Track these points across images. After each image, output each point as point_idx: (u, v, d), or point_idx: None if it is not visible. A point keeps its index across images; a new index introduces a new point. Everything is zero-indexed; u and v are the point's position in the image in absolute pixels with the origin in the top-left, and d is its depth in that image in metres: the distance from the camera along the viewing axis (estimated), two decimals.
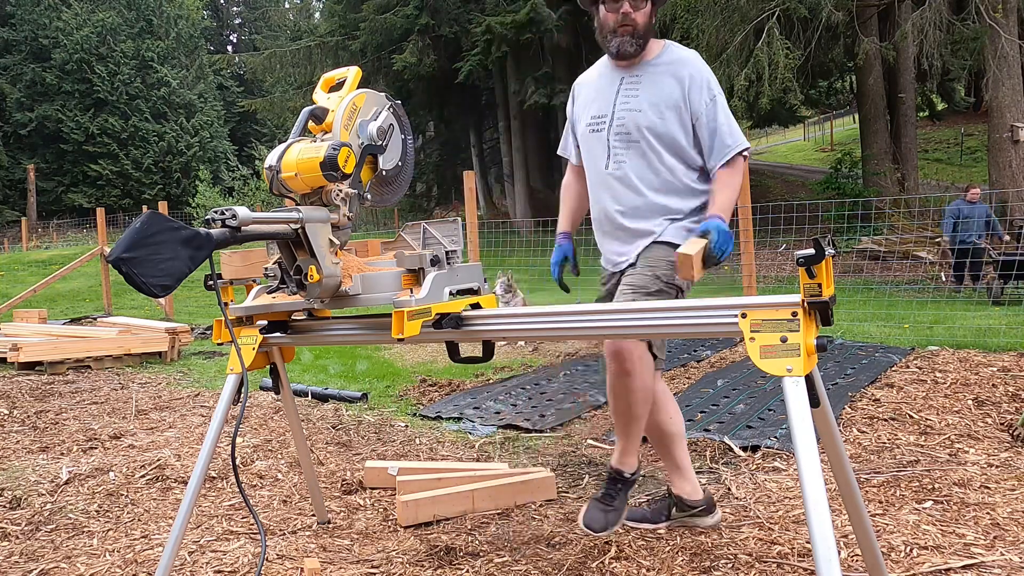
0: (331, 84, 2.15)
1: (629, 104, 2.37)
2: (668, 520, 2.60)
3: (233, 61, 35.01)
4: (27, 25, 36.50)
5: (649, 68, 2.37)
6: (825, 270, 1.51)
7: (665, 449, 2.59)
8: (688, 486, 2.57)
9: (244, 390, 2.06)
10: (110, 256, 1.56)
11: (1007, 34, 12.69)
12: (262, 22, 50.95)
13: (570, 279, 2.71)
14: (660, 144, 2.34)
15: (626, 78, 2.40)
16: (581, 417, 4.21)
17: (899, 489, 2.81)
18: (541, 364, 5.87)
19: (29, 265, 19.37)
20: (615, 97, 2.40)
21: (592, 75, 2.55)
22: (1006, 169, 13.26)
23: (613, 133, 2.39)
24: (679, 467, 2.58)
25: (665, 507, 2.62)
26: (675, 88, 2.32)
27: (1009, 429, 3.45)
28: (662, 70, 2.35)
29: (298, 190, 1.96)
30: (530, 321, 1.91)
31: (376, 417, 4.38)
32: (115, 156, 36.71)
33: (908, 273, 11.32)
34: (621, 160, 2.38)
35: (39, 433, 4.25)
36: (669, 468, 2.62)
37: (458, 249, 2.10)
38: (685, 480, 2.58)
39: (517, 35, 19.44)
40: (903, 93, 17.09)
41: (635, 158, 2.37)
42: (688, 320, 1.70)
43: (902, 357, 4.99)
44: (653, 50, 2.40)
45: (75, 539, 2.73)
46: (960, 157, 24.55)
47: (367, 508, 2.95)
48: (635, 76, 2.38)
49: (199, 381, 5.82)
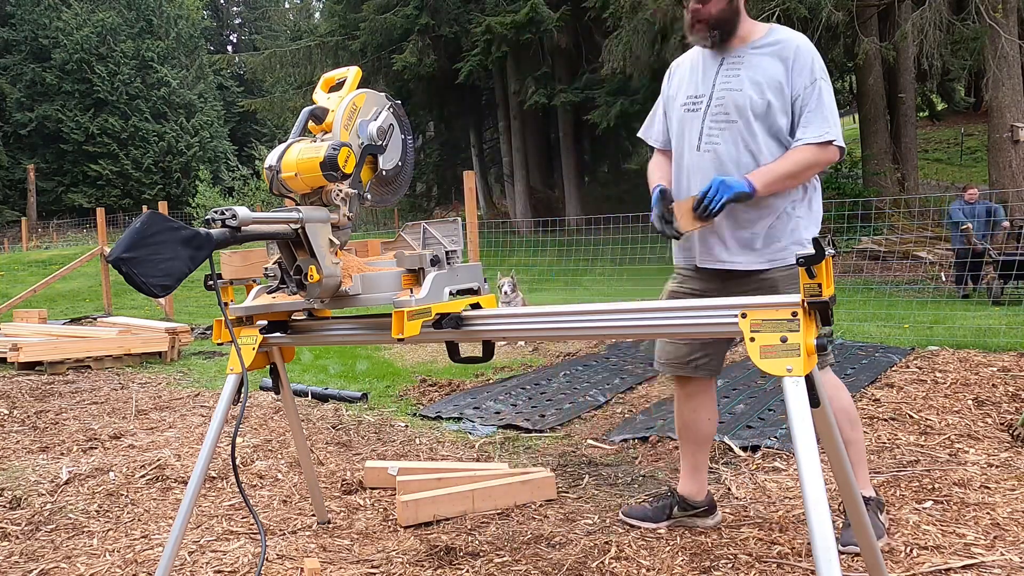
0: (331, 84, 2.15)
1: (730, 84, 2.30)
2: (669, 519, 2.60)
3: (233, 61, 35.03)
4: (27, 25, 36.50)
5: (751, 50, 2.31)
6: (825, 270, 1.51)
7: (694, 448, 2.58)
8: (696, 487, 2.58)
9: (244, 390, 2.06)
10: (110, 256, 1.56)
11: (1007, 34, 12.69)
12: (262, 22, 50.96)
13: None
14: (758, 125, 2.26)
15: (727, 59, 2.33)
16: (581, 417, 4.21)
17: (899, 489, 2.81)
18: (541, 364, 5.87)
19: (29, 265, 19.38)
20: (715, 77, 2.34)
21: (693, 54, 2.48)
22: (1006, 169, 13.26)
23: (711, 114, 2.32)
24: (697, 468, 2.59)
25: (667, 506, 2.62)
26: (778, 69, 2.25)
27: (1009, 429, 3.45)
28: (766, 51, 2.29)
29: (298, 190, 1.96)
30: (530, 321, 1.91)
31: (376, 417, 4.38)
32: (115, 156, 36.72)
33: (908, 273, 11.31)
34: (715, 142, 2.30)
35: (39, 433, 4.25)
36: (686, 467, 2.61)
37: (458, 249, 2.10)
38: (695, 481, 2.58)
39: (517, 35, 19.45)
40: (903, 93, 17.09)
41: (728, 141, 2.29)
42: (688, 320, 1.70)
43: (902, 357, 4.99)
44: (756, 32, 2.33)
45: (75, 539, 2.73)
46: (960, 157, 24.55)
47: (367, 508, 2.95)
48: (737, 57, 2.32)
49: (199, 381, 5.82)
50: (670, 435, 3.63)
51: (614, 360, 5.67)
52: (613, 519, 2.71)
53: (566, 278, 11.43)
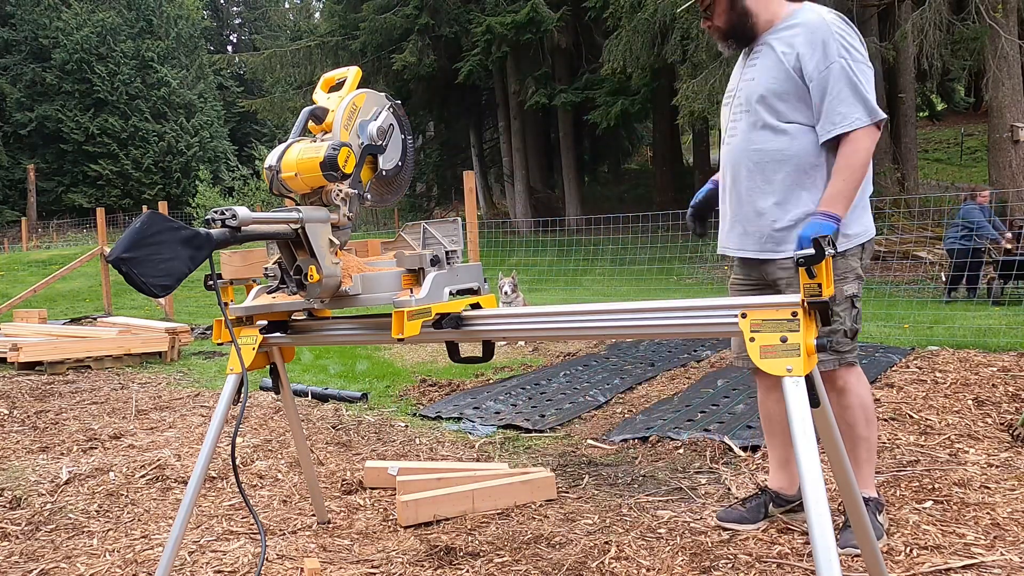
0: (331, 84, 2.15)
1: (749, 75, 2.34)
2: (765, 518, 2.55)
3: (233, 61, 35.00)
4: (27, 25, 36.51)
5: (771, 38, 2.30)
6: (825, 270, 1.51)
7: (781, 440, 2.55)
8: (787, 480, 2.55)
9: (244, 390, 2.06)
10: (110, 256, 1.56)
11: (1007, 34, 12.68)
12: (262, 22, 50.98)
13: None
14: (767, 113, 2.26)
15: (753, 49, 2.36)
16: (581, 417, 4.21)
17: (899, 489, 2.81)
18: (541, 364, 5.87)
19: (29, 265, 19.37)
20: (742, 70, 2.39)
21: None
22: (1006, 169, 13.25)
23: (733, 106, 2.39)
24: (787, 460, 2.55)
25: (762, 504, 2.57)
26: (791, 54, 2.22)
27: (1009, 429, 3.45)
28: (782, 36, 2.27)
29: (298, 190, 1.96)
30: (530, 321, 1.91)
31: (376, 417, 4.38)
32: (115, 156, 36.73)
33: (908, 273, 11.31)
34: (733, 133, 2.37)
35: (39, 433, 4.25)
36: (775, 461, 2.59)
37: (458, 249, 2.10)
38: (785, 473, 2.56)
39: (517, 35, 19.45)
40: (903, 93, 17.08)
41: (742, 131, 2.33)
42: (688, 320, 1.70)
43: (902, 357, 4.99)
44: (779, 16, 2.32)
45: (75, 539, 2.73)
46: (960, 157, 24.55)
47: (367, 508, 2.95)
48: (758, 48, 2.33)
49: (199, 381, 5.82)
50: (670, 435, 3.63)
51: (614, 360, 5.67)
52: (613, 519, 2.71)
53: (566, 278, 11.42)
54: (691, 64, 14.51)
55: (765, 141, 2.28)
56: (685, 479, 3.09)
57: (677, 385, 4.77)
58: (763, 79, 2.28)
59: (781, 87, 2.24)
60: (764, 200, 2.30)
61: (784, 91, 2.24)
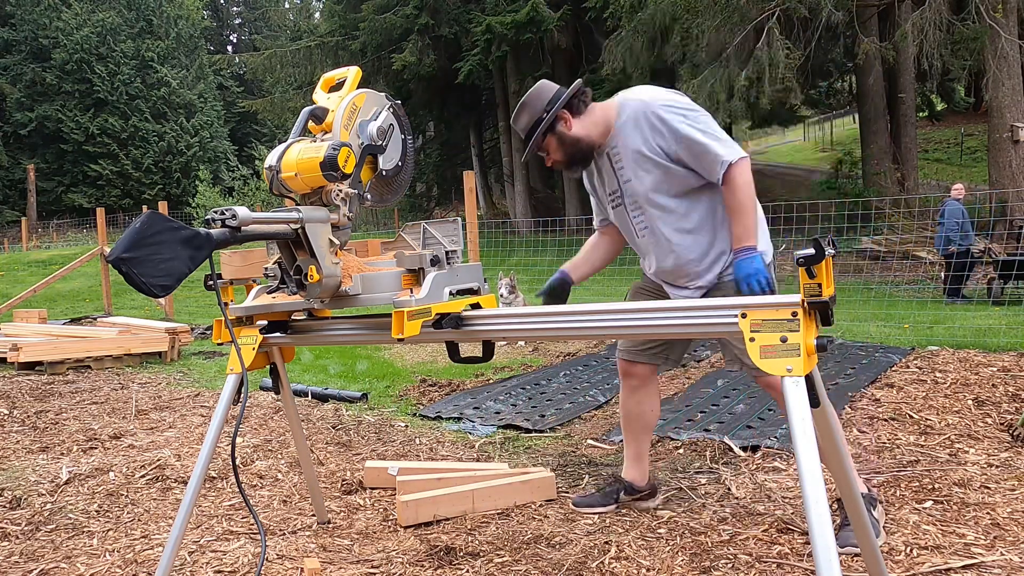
0: (331, 84, 2.15)
1: (625, 176, 2.44)
2: (616, 504, 2.81)
3: (233, 61, 35.02)
4: (27, 25, 36.50)
5: (619, 136, 2.41)
6: (825, 270, 1.50)
7: (638, 437, 2.80)
8: (639, 473, 2.81)
9: (244, 390, 2.06)
10: (110, 256, 1.56)
11: (1007, 34, 12.68)
12: (262, 22, 50.98)
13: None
14: (663, 199, 2.39)
15: (610, 154, 2.46)
16: (581, 417, 4.21)
17: (899, 489, 2.81)
18: (541, 364, 5.87)
19: (29, 265, 19.37)
20: (615, 172, 2.47)
21: None
22: (1006, 169, 13.25)
23: (628, 206, 2.49)
24: (640, 456, 2.82)
25: (615, 491, 2.82)
26: (641, 143, 2.36)
27: (1009, 429, 3.45)
28: (628, 132, 2.39)
29: (298, 190, 1.96)
30: (530, 321, 1.91)
31: (376, 417, 4.38)
32: (115, 156, 36.72)
33: (908, 273, 11.31)
34: (644, 229, 2.48)
35: (39, 433, 4.25)
36: (630, 455, 2.83)
37: (458, 249, 2.10)
38: (638, 467, 2.81)
39: (517, 35, 19.44)
40: (903, 93, 17.09)
41: (653, 223, 2.44)
42: (688, 320, 1.70)
43: (902, 357, 4.99)
44: (611, 116, 2.43)
45: (75, 539, 2.73)
46: (960, 157, 24.55)
47: (367, 508, 2.95)
48: (614, 147, 2.44)
49: (199, 381, 5.82)
50: (670, 435, 3.63)
51: (614, 360, 5.65)
52: (613, 519, 2.71)
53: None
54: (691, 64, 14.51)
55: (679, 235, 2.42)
56: (685, 479, 3.09)
57: (677, 385, 4.77)
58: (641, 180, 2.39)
59: (659, 178, 2.37)
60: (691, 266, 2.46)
61: (663, 179, 2.38)
